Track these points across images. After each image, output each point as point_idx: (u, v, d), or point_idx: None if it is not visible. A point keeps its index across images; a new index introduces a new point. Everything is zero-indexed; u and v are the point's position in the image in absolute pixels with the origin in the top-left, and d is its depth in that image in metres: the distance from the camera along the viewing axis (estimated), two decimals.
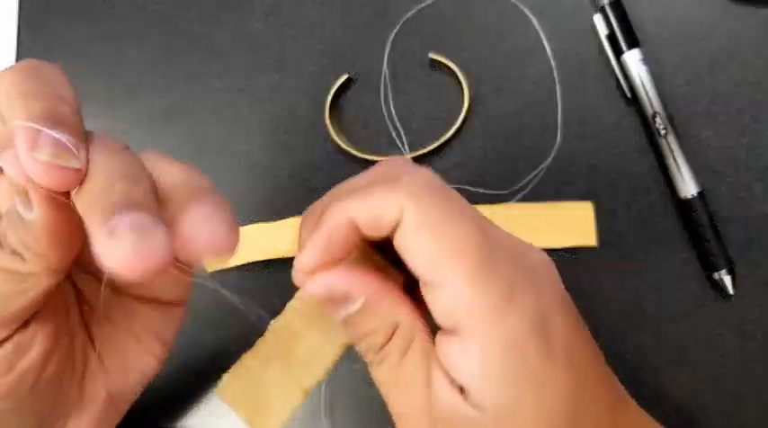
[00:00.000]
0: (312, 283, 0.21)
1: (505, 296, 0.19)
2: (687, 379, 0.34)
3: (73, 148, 0.17)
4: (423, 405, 0.20)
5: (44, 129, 0.16)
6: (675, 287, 0.35)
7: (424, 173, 0.22)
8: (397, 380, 0.21)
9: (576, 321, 0.21)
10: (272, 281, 0.39)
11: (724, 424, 0.33)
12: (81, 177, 0.17)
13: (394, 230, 0.20)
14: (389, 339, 0.20)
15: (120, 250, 0.15)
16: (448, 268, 0.19)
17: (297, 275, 0.22)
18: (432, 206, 0.20)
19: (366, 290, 0.20)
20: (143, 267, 0.15)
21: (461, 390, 0.19)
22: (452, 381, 0.20)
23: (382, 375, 0.21)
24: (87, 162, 0.17)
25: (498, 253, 0.20)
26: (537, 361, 0.19)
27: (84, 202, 0.17)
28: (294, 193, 0.39)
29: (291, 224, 0.38)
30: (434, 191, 0.20)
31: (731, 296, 0.34)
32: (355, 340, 0.21)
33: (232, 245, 0.18)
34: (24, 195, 0.18)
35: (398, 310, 0.21)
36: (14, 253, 0.19)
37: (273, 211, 0.39)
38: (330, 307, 0.21)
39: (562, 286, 0.21)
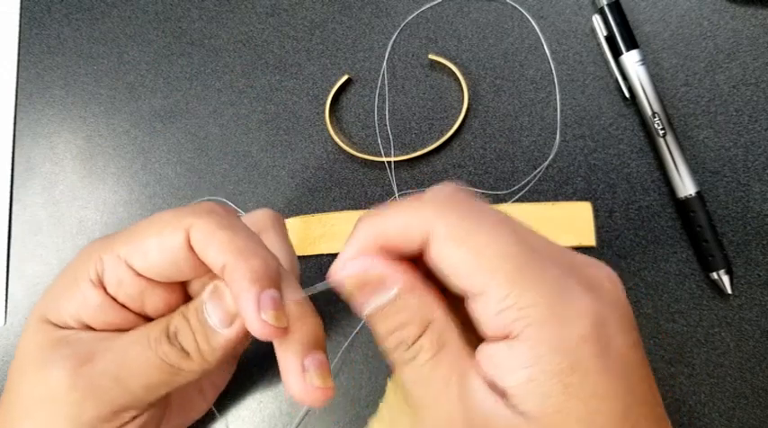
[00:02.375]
0: (350, 264, 0.20)
1: (557, 298, 0.18)
2: (685, 378, 0.34)
3: (283, 309, 0.21)
4: (455, 406, 0.19)
5: (266, 291, 0.21)
6: (674, 286, 0.35)
7: (449, 188, 0.21)
8: (428, 379, 0.20)
9: (637, 342, 0.20)
10: None
11: (722, 423, 0.34)
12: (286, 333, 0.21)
13: (424, 247, 0.20)
14: (421, 334, 0.20)
15: (308, 382, 0.21)
16: (488, 274, 0.18)
17: (334, 273, 0.21)
18: (459, 217, 0.19)
19: (401, 279, 0.20)
20: (321, 396, 0.21)
21: (503, 394, 0.19)
22: (493, 386, 0.19)
23: (412, 373, 0.20)
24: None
25: (541, 257, 0.19)
26: (590, 370, 0.18)
27: (281, 343, 0.21)
28: (294, 193, 0.39)
29: (290, 224, 0.38)
30: (460, 203, 0.20)
31: (729, 295, 0.34)
32: (385, 335, 0.21)
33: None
34: (230, 318, 0.22)
35: (433, 306, 0.20)
36: (183, 351, 0.22)
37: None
38: (364, 294, 0.20)
39: (625, 303, 0.20)
